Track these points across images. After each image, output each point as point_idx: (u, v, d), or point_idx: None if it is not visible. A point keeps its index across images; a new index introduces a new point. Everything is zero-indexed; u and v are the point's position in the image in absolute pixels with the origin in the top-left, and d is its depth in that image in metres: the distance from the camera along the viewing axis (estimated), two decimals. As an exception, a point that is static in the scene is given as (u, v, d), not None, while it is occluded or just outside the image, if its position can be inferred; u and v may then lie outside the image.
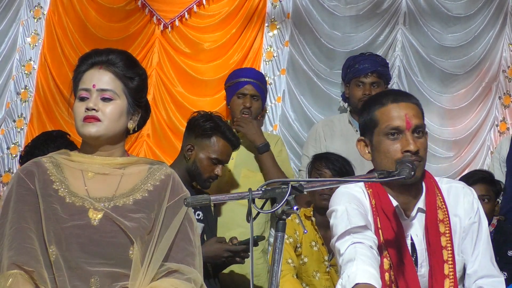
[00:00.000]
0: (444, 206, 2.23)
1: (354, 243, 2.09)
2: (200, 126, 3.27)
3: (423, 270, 2.21)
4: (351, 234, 2.12)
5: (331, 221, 2.23)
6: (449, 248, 2.20)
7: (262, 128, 4.37)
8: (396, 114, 2.19)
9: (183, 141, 3.36)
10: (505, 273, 3.53)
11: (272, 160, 3.72)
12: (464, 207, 2.25)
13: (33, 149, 3.24)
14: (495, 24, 4.35)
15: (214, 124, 3.27)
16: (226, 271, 3.35)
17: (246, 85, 3.91)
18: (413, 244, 2.23)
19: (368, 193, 2.26)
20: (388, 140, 2.19)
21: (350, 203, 2.21)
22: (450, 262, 2.19)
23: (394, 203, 2.22)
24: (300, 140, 4.39)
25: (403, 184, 2.19)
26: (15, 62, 4.70)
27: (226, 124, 3.34)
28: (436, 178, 2.30)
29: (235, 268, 3.40)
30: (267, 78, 4.41)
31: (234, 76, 4.02)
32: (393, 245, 2.18)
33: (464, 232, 2.24)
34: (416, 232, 2.23)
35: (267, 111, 4.45)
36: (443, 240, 2.20)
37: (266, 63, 4.52)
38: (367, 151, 2.27)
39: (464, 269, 2.25)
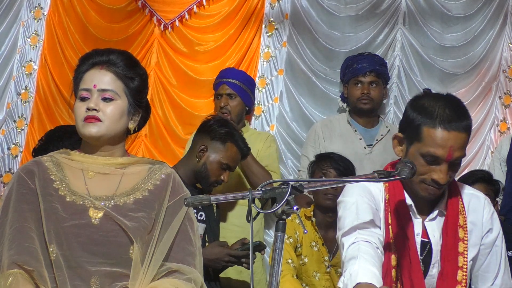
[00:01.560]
0: (464, 212, 2.22)
1: (358, 240, 2.08)
2: (216, 130, 3.27)
3: (434, 270, 2.21)
4: (357, 230, 2.11)
5: (340, 212, 2.21)
6: (465, 255, 2.20)
7: (258, 127, 4.38)
8: (443, 143, 2.09)
9: (193, 141, 3.35)
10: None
11: (251, 157, 3.69)
12: (484, 219, 2.25)
13: (46, 145, 3.14)
14: (495, 24, 4.35)
15: (229, 131, 3.29)
16: (223, 274, 3.34)
17: (221, 85, 4.00)
18: (429, 243, 2.22)
19: (384, 186, 2.23)
20: (423, 161, 2.12)
21: (362, 196, 2.19)
22: (464, 269, 2.19)
23: (409, 201, 2.21)
24: (299, 140, 4.38)
25: None
26: (16, 62, 4.72)
27: (239, 133, 3.35)
28: (459, 183, 2.28)
29: (232, 269, 3.38)
30: (264, 79, 4.42)
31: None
32: (401, 243, 2.17)
33: (487, 247, 2.25)
34: (433, 232, 2.22)
35: (263, 111, 4.45)
36: (461, 246, 2.19)
37: (263, 64, 4.52)
38: (400, 149, 2.22)
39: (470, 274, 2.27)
